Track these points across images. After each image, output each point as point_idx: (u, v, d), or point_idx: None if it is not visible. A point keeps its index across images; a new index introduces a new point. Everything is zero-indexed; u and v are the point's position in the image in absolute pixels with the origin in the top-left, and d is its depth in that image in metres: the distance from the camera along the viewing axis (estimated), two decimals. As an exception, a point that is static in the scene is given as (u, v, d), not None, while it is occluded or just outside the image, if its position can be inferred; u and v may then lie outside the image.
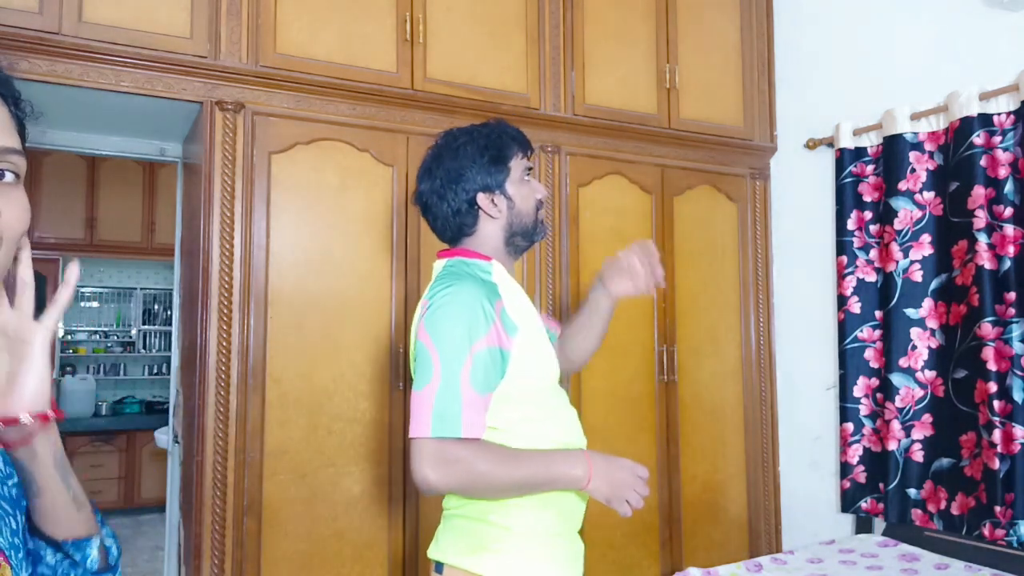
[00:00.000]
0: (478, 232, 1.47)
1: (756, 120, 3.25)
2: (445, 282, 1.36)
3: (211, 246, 2.23)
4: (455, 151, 1.46)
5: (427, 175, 1.49)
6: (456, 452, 1.25)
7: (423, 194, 1.49)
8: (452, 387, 1.26)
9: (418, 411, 1.27)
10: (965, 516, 2.55)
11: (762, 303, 3.23)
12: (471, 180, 1.44)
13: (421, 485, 1.27)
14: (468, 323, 1.29)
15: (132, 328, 6.47)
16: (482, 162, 1.45)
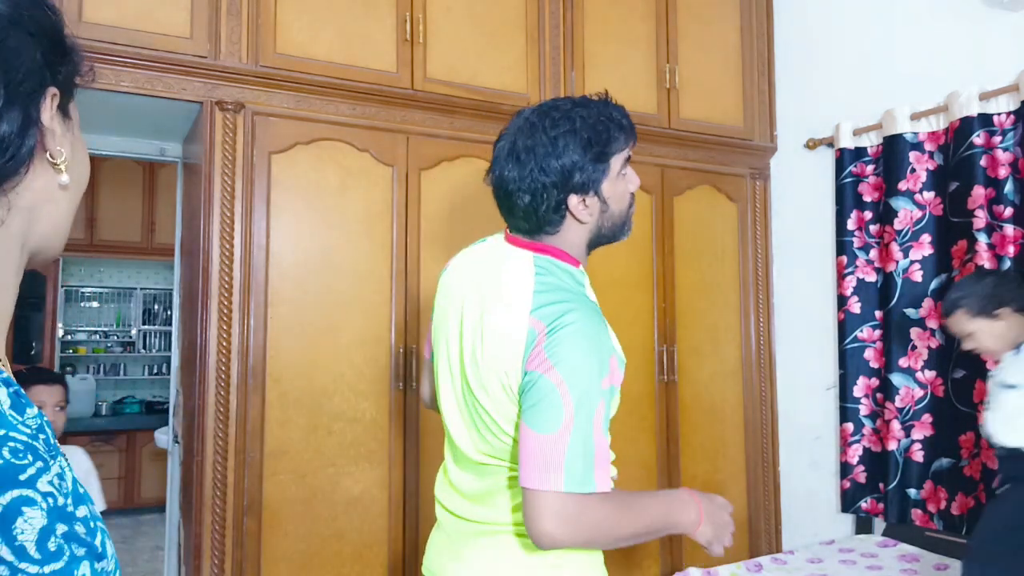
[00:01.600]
0: (561, 234, 1.27)
1: (756, 120, 3.25)
2: (560, 301, 1.16)
3: (211, 246, 2.23)
4: (553, 142, 1.22)
5: (514, 161, 1.24)
6: (587, 508, 1.11)
7: (506, 181, 1.25)
8: (586, 436, 1.11)
9: (544, 460, 1.10)
10: (965, 516, 2.55)
11: (762, 303, 3.23)
12: (566, 180, 1.22)
13: (543, 542, 1.11)
14: (599, 359, 1.13)
15: (132, 328, 6.46)
16: (583, 160, 1.22)
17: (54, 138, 0.59)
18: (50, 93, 0.59)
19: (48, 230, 0.62)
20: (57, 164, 0.60)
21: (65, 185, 0.61)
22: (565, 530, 1.10)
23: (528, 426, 1.12)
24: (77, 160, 0.64)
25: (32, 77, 0.57)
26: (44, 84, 0.58)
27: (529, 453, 1.11)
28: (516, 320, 1.17)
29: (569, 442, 1.09)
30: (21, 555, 0.46)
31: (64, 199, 0.62)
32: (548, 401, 1.11)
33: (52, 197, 0.61)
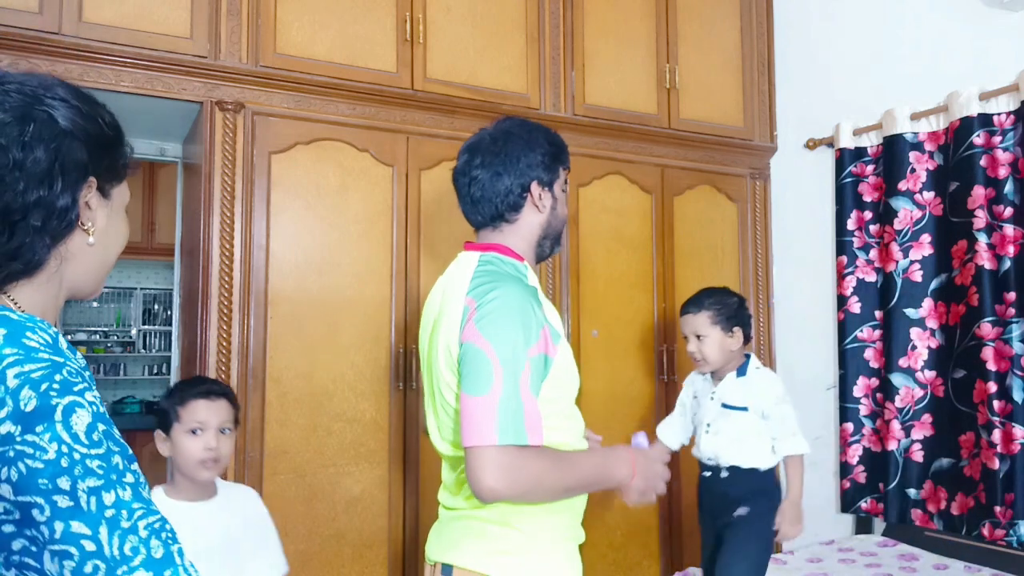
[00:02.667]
0: (519, 222, 1.44)
1: (756, 120, 3.25)
2: (490, 281, 1.30)
3: (211, 246, 2.23)
4: (528, 135, 1.45)
5: (490, 151, 1.44)
6: (521, 460, 1.20)
7: (478, 167, 1.43)
8: (514, 393, 1.21)
9: (478, 419, 1.20)
10: (965, 516, 2.55)
11: (762, 303, 3.23)
12: (534, 167, 1.43)
13: (485, 495, 1.20)
14: (524, 327, 1.25)
15: (132, 328, 6.46)
16: (546, 155, 1.45)
17: (89, 212, 0.83)
18: (90, 182, 0.83)
19: (79, 275, 0.85)
20: (87, 229, 0.83)
21: (91, 244, 0.84)
22: (504, 482, 1.19)
23: (464, 392, 1.24)
24: (110, 229, 0.87)
25: (78, 170, 0.81)
26: (87, 175, 0.83)
27: (467, 416, 1.22)
28: (456, 303, 1.32)
29: (500, 400, 1.20)
30: (75, 439, 0.69)
31: (91, 254, 0.85)
32: (478, 365, 1.23)
33: (83, 252, 0.84)
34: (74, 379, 0.72)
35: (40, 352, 0.72)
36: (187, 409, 1.58)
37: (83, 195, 0.82)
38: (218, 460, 1.58)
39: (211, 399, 1.60)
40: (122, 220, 0.90)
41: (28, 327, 0.74)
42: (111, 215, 0.87)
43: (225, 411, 1.61)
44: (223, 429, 1.59)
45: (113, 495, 0.69)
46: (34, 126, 0.78)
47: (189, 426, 1.57)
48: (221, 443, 1.58)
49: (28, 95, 0.80)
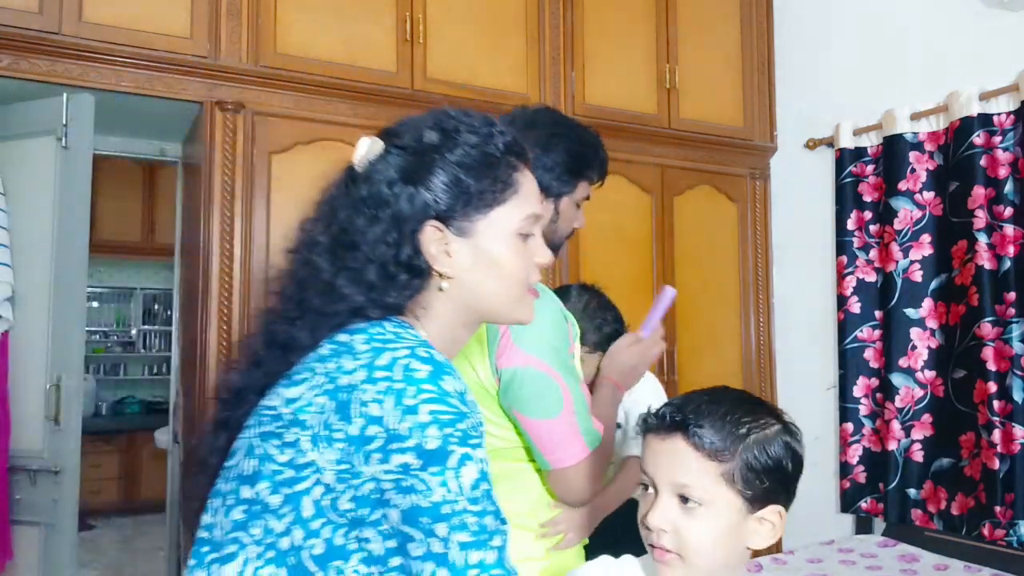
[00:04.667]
0: None
1: (756, 120, 3.25)
2: None
3: (211, 246, 2.23)
4: (546, 138, 1.33)
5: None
6: (598, 453, 1.24)
7: None
8: (580, 398, 1.22)
9: (565, 439, 1.19)
10: (965, 516, 2.55)
11: (762, 303, 3.23)
12: (538, 174, 1.27)
13: (584, 499, 1.25)
14: (559, 329, 1.23)
15: (132, 328, 6.46)
16: (561, 166, 1.34)
17: (444, 256, 0.87)
18: (431, 226, 0.86)
19: (470, 301, 0.90)
20: (441, 274, 0.87)
21: (444, 289, 0.88)
22: (597, 481, 1.24)
23: (531, 417, 1.20)
24: (480, 263, 0.88)
25: (414, 218, 0.85)
26: (426, 218, 0.85)
27: (547, 439, 1.20)
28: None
29: (575, 412, 1.20)
30: (460, 490, 0.74)
31: (458, 290, 0.88)
32: (542, 388, 1.18)
33: (447, 294, 0.88)
34: (472, 433, 0.76)
35: (452, 398, 0.76)
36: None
37: (426, 243, 0.86)
38: None
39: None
40: (508, 246, 0.89)
41: (448, 372, 0.77)
42: (481, 247, 0.88)
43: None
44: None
45: (479, 555, 0.73)
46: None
47: None
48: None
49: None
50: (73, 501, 2.25)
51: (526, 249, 0.91)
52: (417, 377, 0.75)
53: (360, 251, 0.85)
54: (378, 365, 0.76)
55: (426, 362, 0.77)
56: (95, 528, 5.45)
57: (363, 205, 0.86)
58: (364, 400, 0.74)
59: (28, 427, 2.27)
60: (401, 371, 0.76)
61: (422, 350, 0.79)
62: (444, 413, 0.74)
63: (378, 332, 0.82)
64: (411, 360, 0.77)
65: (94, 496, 5.49)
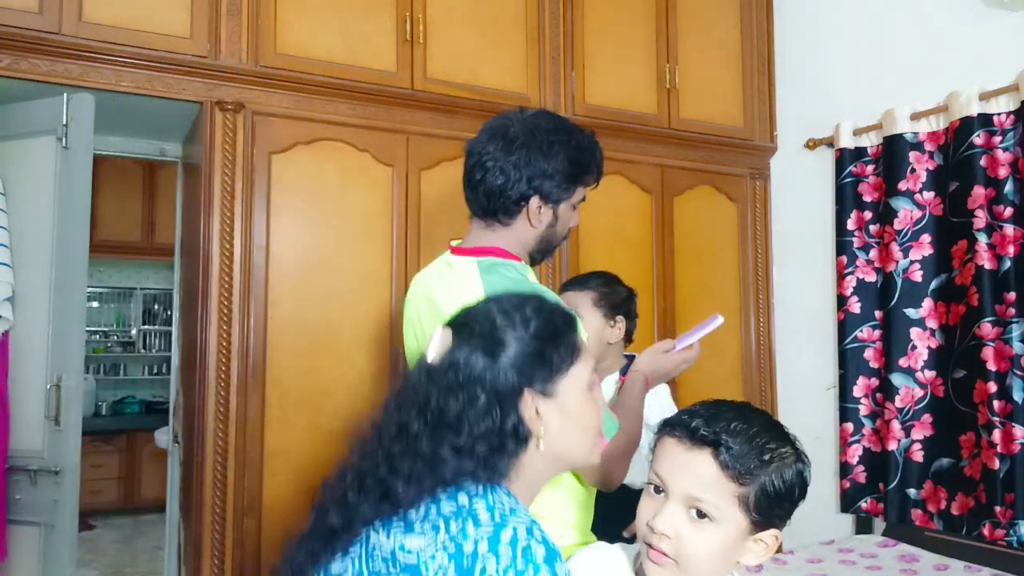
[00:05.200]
0: (512, 227, 1.39)
1: (756, 120, 3.25)
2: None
3: (211, 246, 2.23)
4: (548, 144, 1.35)
5: (506, 145, 1.36)
6: (616, 441, 1.29)
7: (490, 156, 1.37)
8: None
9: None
10: (965, 516, 2.55)
11: (762, 303, 3.23)
12: (540, 180, 1.35)
13: (615, 487, 1.30)
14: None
15: (132, 328, 6.46)
16: (561, 173, 1.36)
17: (538, 420, 0.96)
18: (525, 397, 0.95)
19: (560, 455, 0.99)
20: (539, 437, 0.95)
21: (540, 448, 0.96)
22: (625, 465, 1.29)
23: None
24: (568, 420, 0.97)
25: (513, 393, 0.94)
26: (522, 388, 0.94)
27: None
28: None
29: None
30: None
31: (549, 447, 0.96)
32: None
33: (543, 448, 0.96)
34: None
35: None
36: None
37: (525, 410, 0.94)
38: None
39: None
40: (582, 398, 0.99)
41: (558, 557, 0.84)
42: (566, 406, 0.97)
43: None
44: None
45: None
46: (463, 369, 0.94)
47: None
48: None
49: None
50: (73, 501, 2.25)
51: (595, 397, 1.02)
52: (536, 561, 0.82)
53: (464, 429, 0.92)
54: (502, 539, 0.83)
55: (542, 543, 0.84)
56: (95, 528, 5.45)
57: (458, 389, 0.93)
58: (487, 571, 0.81)
59: (28, 427, 2.27)
60: (522, 552, 0.82)
61: (537, 531, 0.86)
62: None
63: (498, 502, 0.88)
64: (531, 541, 0.83)
65: (94, 496, 5.49)
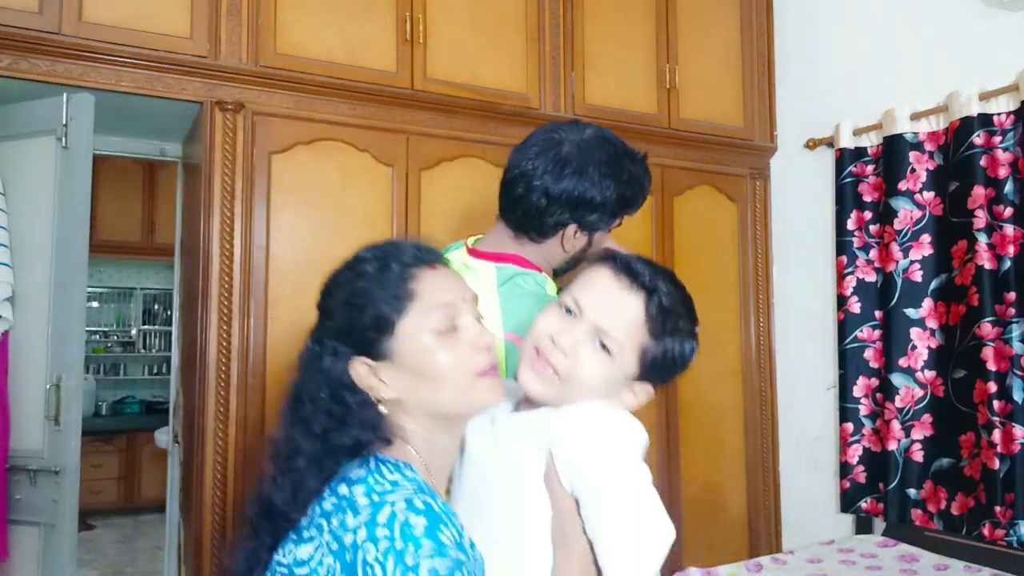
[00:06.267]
0: (539, 247, 1.32)
1: (756, 120, 3.25)
2: (530, 307, 1.17)
3: (211, 246, 2.23)
4: (600, 177, 1.27)
5: (556, 165, 1.26)
6: None
7: (536, 176, 1.26)
8: None
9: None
10: (965, 516, 2.55)
11: (762, 303, 3.23)
12: (582, 211, 1.27)
13: None
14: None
15: (132, 328, 6.46)
16: (607, 206, 1.29)
17: (372, 390, 0.94)
18: (354, 361, 0.94)
19: (427, 411, 0.94)
20: (385, 400, 0.93)
21: (396, 411, 0.94)
22: None
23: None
24: (405, 375, 0.93)
25: (340, 361, 0.95)
26: (348, 359, 0.94)
27: None
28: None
29: None
30: None
31: (412, 406, 0.94)
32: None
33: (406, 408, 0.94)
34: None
35: (450, 550, 0.79)
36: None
37: (361, 379, 0.93)
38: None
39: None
40: (425, 349, 0.92)
41: (443, 521, 0.82)
42: (405, 363, 0.93)
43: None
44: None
45: None
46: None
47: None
48: None
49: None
50: (73, 501, 2.25)
51: (455, 340, 0.93)
52: (415, 534, 0.79)
53: (317, 417, 0.93)
54: (379, 522, 0.80)
55: (422, 513, 0.81)
56: (95, 528, 5.45)
57: (304, 376, 0.97)
58: (368, 560, 0.79)
59: (28, 427, 2.27)
60: (400, 530, 0.79)
61: (419, 500, 0.82)
62: (444, 568, 0.78)
63: (376, 481, 0.86)
64: (409, 515, 0.80)
65: (94, 496, 5.50)
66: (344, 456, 0.91)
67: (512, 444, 0.97)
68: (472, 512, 0.95)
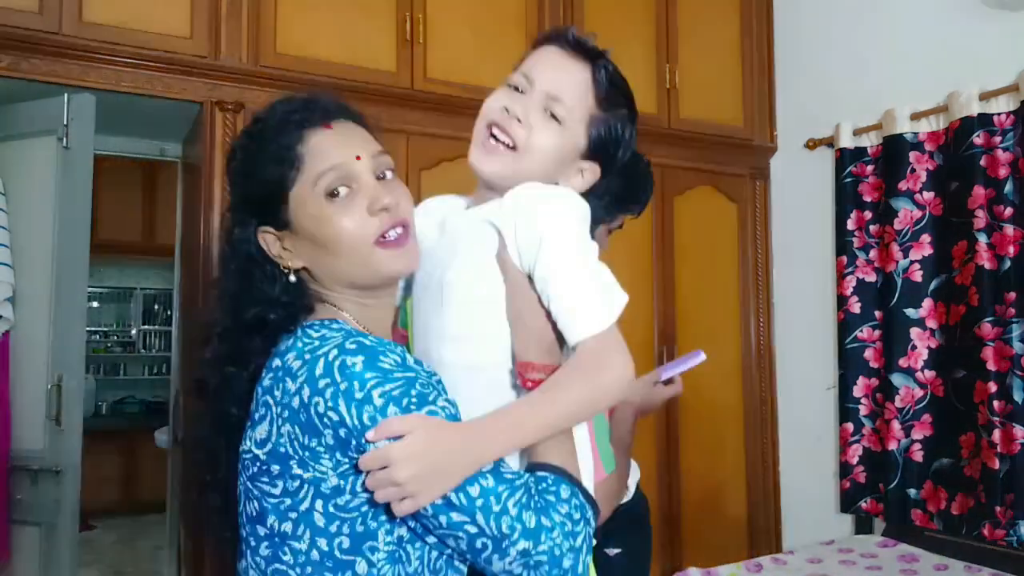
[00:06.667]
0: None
1: (756, 120, 3.25)
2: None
3: (211, 246, 2.23)
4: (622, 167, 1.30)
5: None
6: (614, 482, 1.29)
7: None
8: (602, 426, 1.23)
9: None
10: (965, 516, 2.55)
11: (762, 303, 3.23)
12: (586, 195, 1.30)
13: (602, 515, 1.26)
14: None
15: (132, 328, 6.46)
16: (610, 194, 1.30)
17: (282, 260, 0.91)
18: (261, 233, 0.91)
19: (337, 279, 0.91)
20: (292, 269, 0.91)
21: (306, 279, 0.92)
22: (608, 506, 1.23)
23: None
24: (306, 252, 0.90)
25: (248, 232, 0.93)
26: (254, 229, 0.92)
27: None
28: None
29: (595, 437, 1.16)
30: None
31: (322, 273, 0.91)
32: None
33: (318, 276, 0.92)
34: (427, 390, 0.82)
35: (396, 372, 0.80)
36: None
37: (269, 248, 0.91)
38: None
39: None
40: (316, 216, 0.88)
41: (380, 351, 0.81)
42: (303, 231, 0.89)
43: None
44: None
45: (477, 487, 0.77)
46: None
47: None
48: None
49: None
50: (73, 501, 2.25)
51: (348, 205, 0.87)
52: (356, 371, 0.78)
53: (222, 281, 0.95)
54: (317, 375, 0.79)
55: (357, 352, 0.80)
56: (95, 528, 5.45)
57: (223, 237, 0.98)
58: (321, 412, 0.78)
59: (29, 427, 2.27)
60: (339, 373, 0.78)
61: (349, 342, 0.81)
62: (395, 389, 0.78)
63: (304, 343, 0.84)
64: (343, 358, 0.79)
65: (94, 496, 5.49)
66: (257, 333, 0.88)
67: (463, 236, 0.95)
68: (433, 309, 0.94)
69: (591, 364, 0.84)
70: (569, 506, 0.81)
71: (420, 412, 0.78)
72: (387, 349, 0.82)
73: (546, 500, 0.80)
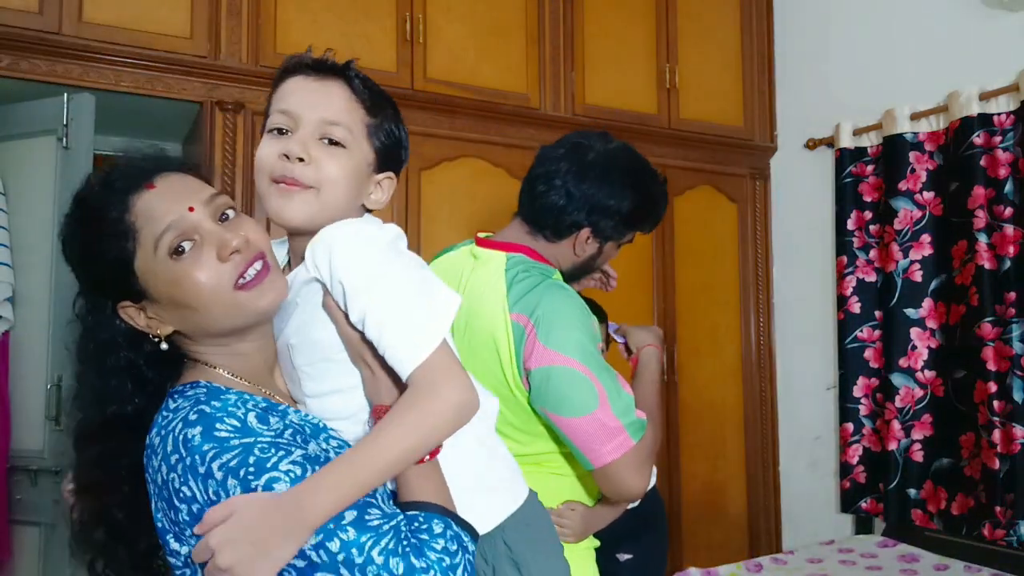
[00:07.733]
0: (554, 246, 1.34)
1: (756, 120, 3.25)
2: (532, 290, 1.23)
3: (211, 246, 2.23)
4: (621, 185, 1.32)
5: (580, 170, 1.30)
6: (645, 442, 1.25)
7: (559, 175, 1.30)
8: (615, 387, 1.22)
9: (601, 434, 1.18)
10: (965, 516, 2.55)
11: (762, 303, 3.23)
12: (598, 217, 1.31)
13: (636, 493, 1.27)
14: (584, 324, 1.23)
15: (132, 328, 6.46)
16: (623, 214, 1.32)
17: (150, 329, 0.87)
18: (120, 306, 0.87)
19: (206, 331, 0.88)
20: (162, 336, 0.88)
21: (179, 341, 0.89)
22: (645, 472, 1.26)
23: (565, 415, 1.19)
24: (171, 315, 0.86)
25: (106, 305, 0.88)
26: (112, 305, 0.87)
27: (584, 437, 1.19)
28: (496, 315, 1.23)
29: (611, 404, 1.19)
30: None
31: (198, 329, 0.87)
32: (572, 385, 1.19)
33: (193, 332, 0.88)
34: (269, 450, 0.79)
35: (234, 439, 0.79)
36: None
37: (130, 320, 0.87)
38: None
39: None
40: (166, 277, 0.84)
41: (218, 417, 0.80)
42: (159, 298, 0.85)
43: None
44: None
45: (337, 542, 0.75)
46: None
47: None
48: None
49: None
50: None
51: (197, 258, 0.83)
52: (195, 444, 0.78)
53: (82, 371, 0.90)
54: (169, 453, 0.79)
55: (196, 423, 0.79)
56: (95, 528, 5.44)
57: (78, 324, 0.94)
58: (176, 488, 0.78)
59: (29, 427, 2.27)
60: (184, 447, 0.78)
61: (192, 412, 0.80)
62: (232, 459, 0.77)
63: (163, 417, 0.83)
64: (185, 431, 0.79)
65: (94, 496, 5.49)
66: (123, 427, 0.86)
67: (291, 298, 0.92)
68: (288, 372, 0.94)
69: (419, 395, 0.81)
70: (444, 539, 0.79)
71: (259, 480, 0.76)
72: (227, 413, 0.80)
73: (420, 539, 0.79)
